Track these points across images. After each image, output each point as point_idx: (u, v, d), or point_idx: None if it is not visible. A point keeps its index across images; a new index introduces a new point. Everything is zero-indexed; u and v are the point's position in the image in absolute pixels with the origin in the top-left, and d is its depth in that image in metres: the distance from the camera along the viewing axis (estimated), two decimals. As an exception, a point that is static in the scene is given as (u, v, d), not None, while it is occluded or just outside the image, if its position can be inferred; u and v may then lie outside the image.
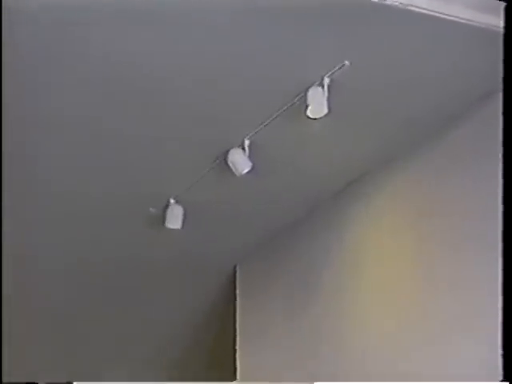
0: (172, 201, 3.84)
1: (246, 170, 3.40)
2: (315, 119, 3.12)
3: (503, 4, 2.12)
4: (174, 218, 3.76)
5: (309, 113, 3.09)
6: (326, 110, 3.07)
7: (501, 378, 1.79)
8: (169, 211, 3.81)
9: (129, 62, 2.83)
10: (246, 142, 3.41)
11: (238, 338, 4.30)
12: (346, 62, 3.00)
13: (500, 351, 1.81)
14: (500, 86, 2.07)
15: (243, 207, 3.93)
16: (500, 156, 2.03)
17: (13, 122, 2.93)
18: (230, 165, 3.44)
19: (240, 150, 3.42)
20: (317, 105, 3.05)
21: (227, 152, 3.45)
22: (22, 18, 2.48)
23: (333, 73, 3.04)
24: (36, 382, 3.87)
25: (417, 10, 2.73)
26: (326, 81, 3.06)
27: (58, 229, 3.95)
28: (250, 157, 3.40)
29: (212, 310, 4.77)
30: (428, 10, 2.68)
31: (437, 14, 2.69)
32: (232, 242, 4.25)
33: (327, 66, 3.02)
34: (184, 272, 4.43)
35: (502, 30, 2.22)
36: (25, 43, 2.62)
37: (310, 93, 3.08)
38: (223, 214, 3.98)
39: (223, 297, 4.61)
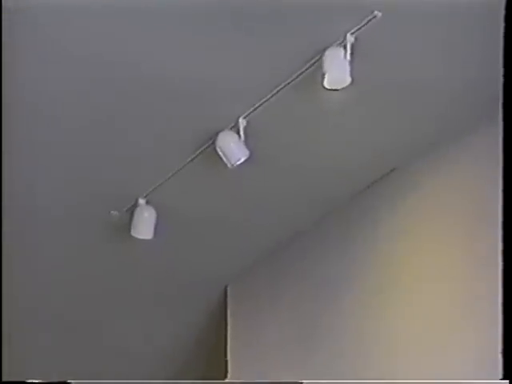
0: (141, 201, 3.57)
1: (241, 160, 3.16)
2: (334, 91, 2.88)
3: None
4: (144, 225, 3.53)
5: (325, 83, 2.83)
6: (348, 80, 2.82)
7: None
8: (137, 215, 3.55)
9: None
10: (242, 123, 3.17)
11: (229, 370, 4.21)
12: (377, 13, 2.70)
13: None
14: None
15: (236, 211, 3.75)
16: None
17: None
18: (220, 153, 3.21)
19: (233, 134, 3.19)
20: (337, 72, 2.82)
21: (216, 136, 3.23)
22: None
23: (359, 28, 2.76)
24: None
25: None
26: (350, 39, 2.79)
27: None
28: (246, 142, 3.19)
29: (199, 339, 4.67)
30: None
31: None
32: (222, 257, 4.07)
33: (351, 18, 2.75)
34: (161, 295, 4.32)
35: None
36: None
37: (328, 56, 2.82)
38: (210, 219, 3.80)
39: (212, 324, 4.50)
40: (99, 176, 3.49)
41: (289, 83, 2.99)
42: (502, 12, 2.40)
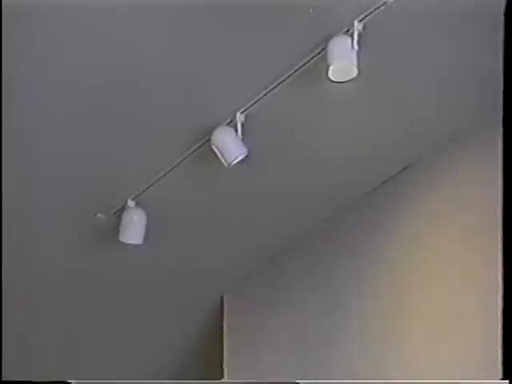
0: (130, 203, 3.50)
1: (238, 159, 3.11)
2: (340, 83, 2.84)
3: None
4: (133, 229, 3.46)
5: (330, 74, 2.79)
6: (355, 71, 2.76)
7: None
8: (125, 218, 3.48)
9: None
10: (240, 118, 3.12)
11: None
12: None
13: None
14: None
15: (234, 214, 3.69)
16: None
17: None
18: (216, 151, 3.15)
19: (230, 130, 3.14)
20: (343, 63, 2.77)
21: (212, 132, 3.16)
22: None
23: (368, 15, 2.70)
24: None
25: None
26: (358, 27, 2.73)
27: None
28: (244, 139, 3.14)
29: (193, 353, 4.59)
30: None
31: None
32: (217, 265, 4.00)
33: (359, 3, 2.70)
34: (152, 304, 4.21)
35: None
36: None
37: (334, 45, 2.77)
38: (205, 223, 3.73)
39: (207, 337, 4.42)
40: (84, 176, 3.46)
41: (290, 75, 2.94)
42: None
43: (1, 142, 3.13)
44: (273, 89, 2.99)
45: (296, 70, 2.91)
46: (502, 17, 2.28)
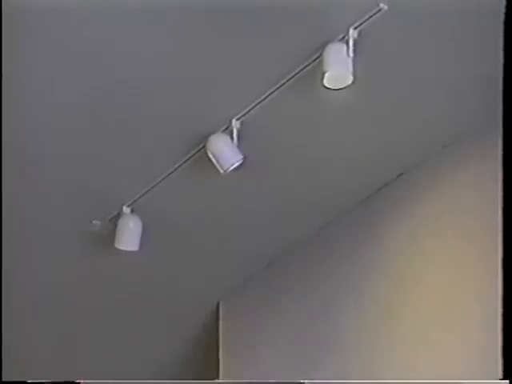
0: (126, 209, 3.50)
1: (234, 165, 3.11)
2: (335, 90, 2.84)
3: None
4: (129, 235, 3.47)
5: (326, 81, 2.79)
6: (350, 78, 2.76)
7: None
8: (121, 225, 3.48)
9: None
10: (235, 125, 3.12)
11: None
12: (383, 6, 2.64)
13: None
14: None
15: (230, 220, 3.68)
16: None
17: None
18: (212, 158, 3.16)
19: (226, 137, 3.14)
20: (338, 70, 2.77)
21: (207, 139, 3.17)
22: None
23: (363, 22, 2.70)
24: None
25: None
26: (353, 34, 2.73)
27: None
28: (240, 146, 3.14)
29: (191, 355, 4.60)
30: None
31: None
32: (214, 271, 3.99)
33: (354, 10, 2.69)
34: (152, 311, 4.22)
35: None
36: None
37: (329, 52, 2.77)
38: (201, 229, 3.72)
39: (204, 339, 4.40)
40: (79, 181, 3.44)
41: (286, 82, 2.94)
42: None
43: (1, 144, 3.10)
44: (268, 95, 2.99)
45: (292, 77, 2.91)
46: (502, 17, 2.30)
